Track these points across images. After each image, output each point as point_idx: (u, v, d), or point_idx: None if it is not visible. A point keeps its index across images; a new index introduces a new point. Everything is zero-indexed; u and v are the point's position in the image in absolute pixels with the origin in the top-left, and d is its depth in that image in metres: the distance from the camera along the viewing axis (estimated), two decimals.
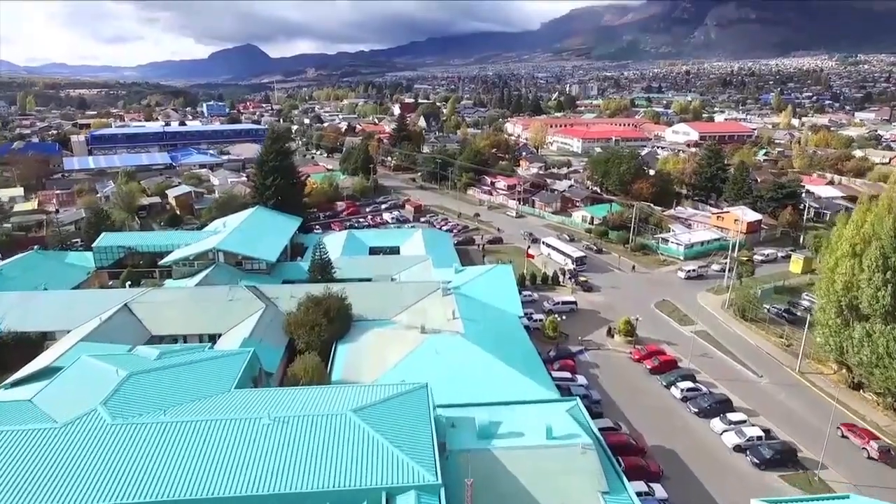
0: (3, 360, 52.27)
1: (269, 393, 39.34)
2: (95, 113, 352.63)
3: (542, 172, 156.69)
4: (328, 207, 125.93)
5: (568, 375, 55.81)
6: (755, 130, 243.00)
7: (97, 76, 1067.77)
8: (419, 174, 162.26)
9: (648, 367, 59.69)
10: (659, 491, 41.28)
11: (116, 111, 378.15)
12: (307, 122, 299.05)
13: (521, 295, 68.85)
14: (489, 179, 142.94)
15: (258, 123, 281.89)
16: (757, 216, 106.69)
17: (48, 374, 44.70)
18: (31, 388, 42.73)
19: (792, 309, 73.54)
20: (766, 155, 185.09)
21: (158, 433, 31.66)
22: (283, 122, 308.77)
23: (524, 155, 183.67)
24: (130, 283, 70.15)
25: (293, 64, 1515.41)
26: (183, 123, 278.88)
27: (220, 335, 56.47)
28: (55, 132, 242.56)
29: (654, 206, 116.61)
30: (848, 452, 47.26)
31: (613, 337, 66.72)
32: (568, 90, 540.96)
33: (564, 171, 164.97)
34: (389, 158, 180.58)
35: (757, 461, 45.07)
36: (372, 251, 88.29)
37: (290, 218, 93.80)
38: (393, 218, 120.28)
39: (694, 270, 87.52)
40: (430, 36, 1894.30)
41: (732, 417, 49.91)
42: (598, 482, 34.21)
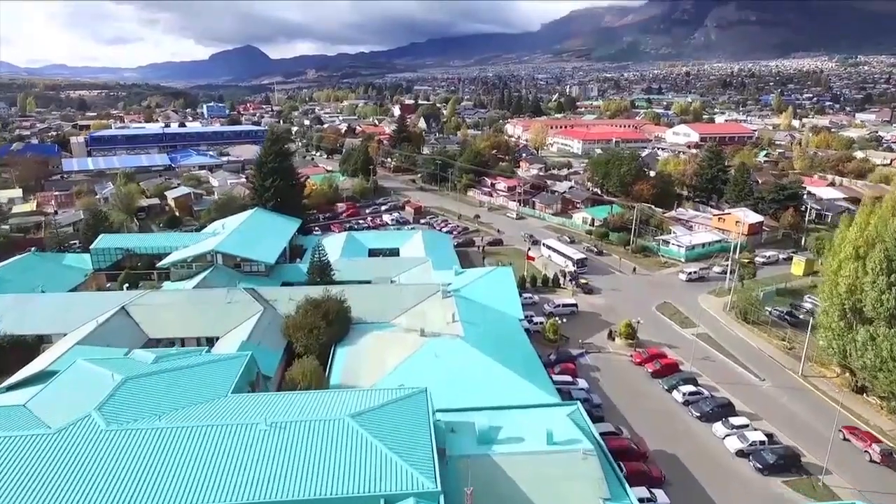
0: None
1: (266, 398, 38.87)
2: (95, 114, 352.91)
3: (542, 174, 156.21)
4: (328, 209, 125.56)
5: (569, 379, 55.38)
6: (755, 132, 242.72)
7: (97, 77, 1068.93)
8: (419, 175, 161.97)
9: (650, 370, 59.24)
10: (661, 497, 40.76)
11: (116, 112, 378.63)
12: (307, 123, 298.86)
13: (521, 297, 68.46)
14: (489, 181, 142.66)
15: (258, 125, 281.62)
16: (758, 218, 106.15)
17: (43, 378, 44.22)
18: (25, 392, 42.25)
19: (794, 311, 73.08)
20: (766, 156, 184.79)
21: (153, 439, 31.18)
22: (282, 123, 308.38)
23: (524, 156, 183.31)
24: (128, 285, 69.75)
25: (293, 65, 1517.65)
26: (182, 125, 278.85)
27: (217, 338, 56.09)
28: (55, 133, 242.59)
29: (654, 207, 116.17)
30: (851, 457, 46.76)
31: (614, 340, 66.25)
32: (568, 91, 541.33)
33: (565, 172, 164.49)
34: (389, 160, 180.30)
35: (760, 466, 44.57)
36: (371, 253, 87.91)
37: (289, 219, 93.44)
38: (393, 219, 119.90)
39: (695, 272, 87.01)
40: (430, 37, 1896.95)
41: (735, 422, 49.39)
42: (599, 488, 33.79)
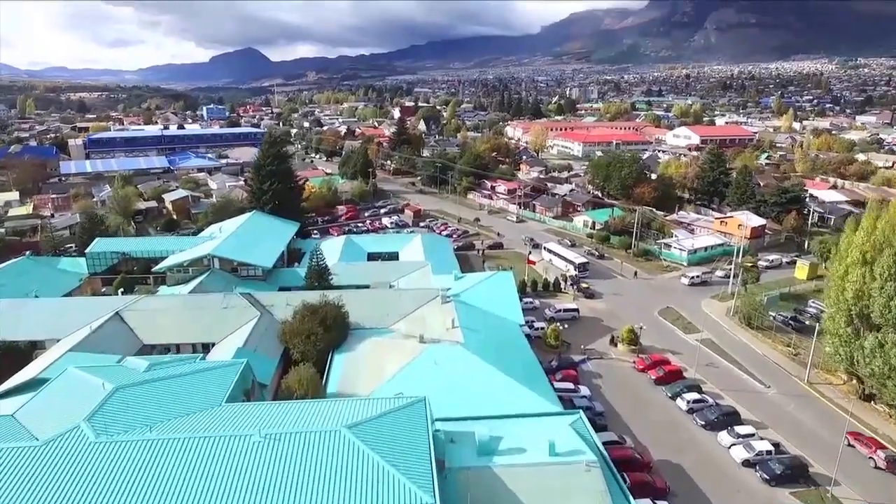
0: None
1: (260, 407, 37.87)
2: (95, 116, 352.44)
3: (542, 176, 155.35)
4: (327, 212, 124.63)
5: (570, 386, 54.38)
6: (756, 134, 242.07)
7: (98, 80, 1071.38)
8: (419, 178, 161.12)
9: (653, 377, 58.27)
10: None
11: (116, 115, 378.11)
12: (307, 125, 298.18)
13: (521, 302, 67.59)
14: (489, 183, 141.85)
15: (258, 127, 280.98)
16: (761, 221, 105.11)
17: (34, 385, 43.30)
18: (15, 401, 41.28)
19: (799, 316, 72.13)
20: (768, 159, 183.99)
21: (144, 452, 30.13)
22: (282, 125, 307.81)
23: (524, 159, 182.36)
24: (123, 289, 68.70)
25: (294, 67, 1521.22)
26: (182, 127, 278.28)
27: (213, 344, 55.11)
28: (53, 136, 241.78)
29: (656, 210, 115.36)
30: (858, 465, 45.76)
31: (617, 346, 65.26)
32: (568, 94, 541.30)
33: (565, 174, 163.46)
34: (389, 162, 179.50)
35: (767, 477, 43.54)
36: (370, 257, 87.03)
37: (287, 223, 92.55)
38: (392, 222, 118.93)
39: (698, 277, 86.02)
40: (430, 39, 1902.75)
41: (740, 430, 48.35)
42: (603, 501, 32.84)
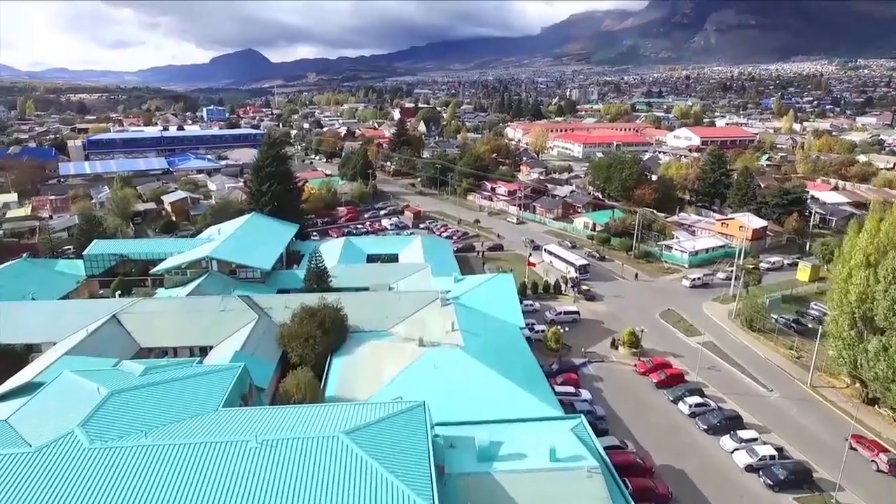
0: None
1: (257, 412, 37.35)
2: (94, 118, 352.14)
3: (542, 178, 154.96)
4: (326, 213, 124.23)
5: (571, 390, 53.96)
6: (756, 135, 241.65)
7: (98, 81, 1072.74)
8: (419, 179, 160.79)
9: (654, 380, 57.78)
10: None
11: (116, 116, 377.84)
12: (307, 126, 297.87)
13: (522, 304, 67.09)
14: (489, 185, 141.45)
15: (257, 128, 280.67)
16: (762, 222, 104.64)
17: (29, 390, 42.71)
18: (9, 405, 40.69)
19: (801, 319, 71.66)
20: (768, 160, 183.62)
21: (139, 458, 29.63)
22: (282, 126, 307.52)
23: (525, 160, 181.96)
24: (121, 292, 68.24)
25: (294, 69, 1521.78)
26: (181, 128, 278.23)
27: (211, 347, 54.64)
28: (53, 137, 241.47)
29: (656, 212, 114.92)
30: (863, 470, 45.27)
31: (618, 349, 64.76)
32: (568, 95, 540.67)
33: (566, 176, 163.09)
34: (389, 163, 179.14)
35: (770, 482, 43.04)
36: (370, 259, 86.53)
37: (286, 224, 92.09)
38: (392, 224, 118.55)
39: (699, 279, 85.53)
40: (430, 41, 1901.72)
41: (743, 435, 47.87)
42: None
